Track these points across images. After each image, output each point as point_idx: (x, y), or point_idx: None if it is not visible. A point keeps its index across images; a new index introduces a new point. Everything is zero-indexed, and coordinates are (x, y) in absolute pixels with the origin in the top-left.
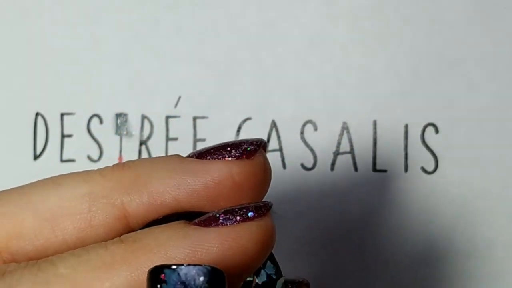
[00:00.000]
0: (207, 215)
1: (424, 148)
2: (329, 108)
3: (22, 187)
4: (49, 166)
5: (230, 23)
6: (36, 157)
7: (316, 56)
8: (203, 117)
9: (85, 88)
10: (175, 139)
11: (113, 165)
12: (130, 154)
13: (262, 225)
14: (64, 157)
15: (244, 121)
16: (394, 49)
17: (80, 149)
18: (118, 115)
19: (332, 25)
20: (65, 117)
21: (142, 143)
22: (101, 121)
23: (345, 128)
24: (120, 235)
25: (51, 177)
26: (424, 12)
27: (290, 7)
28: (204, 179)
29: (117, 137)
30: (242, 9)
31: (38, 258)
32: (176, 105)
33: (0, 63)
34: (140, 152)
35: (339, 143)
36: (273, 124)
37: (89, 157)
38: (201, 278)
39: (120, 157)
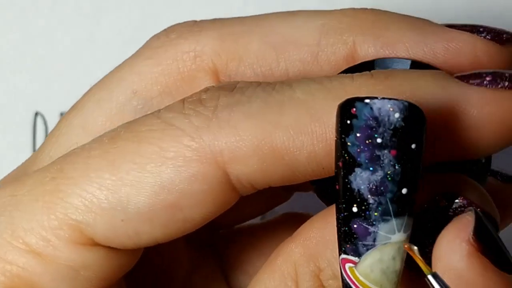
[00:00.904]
0: (471, 71)
1: None
2: None
3: (254, 16)
4: None
5: None
6: None
7: None
8: None
9: (85, 87)
10: None
11: (354, 8)
12: None
13: None
14: None
15: None
16: None
17: None
18: None
19: None
20: None
21: None
22: None
23: None
24: None
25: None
26: (424, 12)
27: (290, 6)
28: (446, 43)
29: None
30: (242, 8)
31: None
32: None
33: None
34: None
35: None
36: None
37: None
38: (396, 115)
39: None
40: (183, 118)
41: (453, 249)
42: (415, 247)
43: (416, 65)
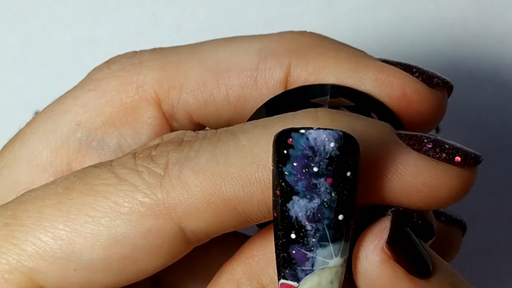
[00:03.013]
0: (414, 134)
1: None
2: None
3: (193, 44)
4: None
5: (230, 22)
6: None
7: None
8: None
9: None
10: None
11: (293, 32)
12: None
13: (464, 176)
14: None
15: None
16: (394, 49)
17: None
18: None
19: (332, 25)
20: None
21: None
22: None
23: None
24: None
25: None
26: (424, 12)
27: (290, 6)
28: (376, 73)
29: None
30: (242, 8)
31: (197, 114)
32: None
33: None
34: None
35: None
36: None
37: None
38: (331, 144)
39: None
40: (136, 175)
41: (367, 256)
42: None
43: (337, 89)
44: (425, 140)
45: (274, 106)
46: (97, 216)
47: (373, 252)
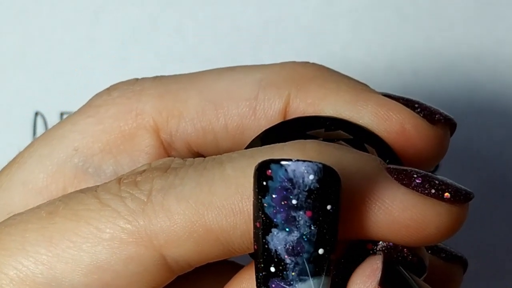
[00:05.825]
0: (404, 169)
1: None
2: None
3: (193, 72)
4: None
5: (230, 23)
6: None
7: (316, 56)
8: None
9: (85, 87)
10: None
11: (295, 62)
12: None
13: (454, 213)
14: None
15: None
16: (394, 49)
17: None
18: None
19: (332, 25)
20: (65, 116)
21: None
22: None
23: None
24: None
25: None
26: (424, 12)
27: (290, 6)
28: (376, 107)
29: None
30: (242, 8)
31: (196, 143)
32: None
33: None
34: None
35: None
36: None
37: None
38: (311, 176)
39: None
40: (119, 201)
41: None
42: None
43: (333, 122)
44: (415, 175)
45: (269, 137)
46: (78, 242)
47: None
